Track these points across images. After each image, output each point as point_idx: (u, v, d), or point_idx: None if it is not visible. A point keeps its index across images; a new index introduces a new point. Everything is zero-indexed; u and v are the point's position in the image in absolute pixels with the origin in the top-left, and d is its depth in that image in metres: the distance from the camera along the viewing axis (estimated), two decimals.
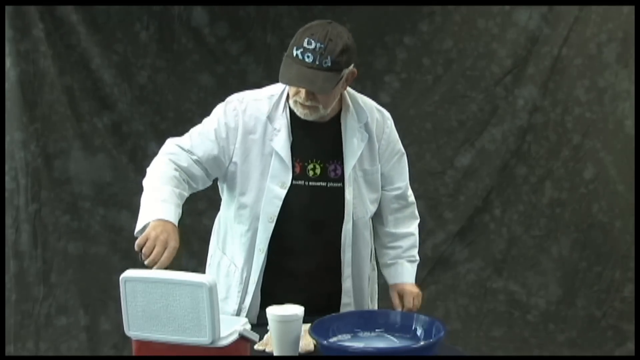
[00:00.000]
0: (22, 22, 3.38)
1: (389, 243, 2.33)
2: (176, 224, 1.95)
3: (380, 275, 3.74)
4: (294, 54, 1.98)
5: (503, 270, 3.78)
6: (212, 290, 1.62)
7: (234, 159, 2.12)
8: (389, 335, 1.91)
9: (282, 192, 2.09)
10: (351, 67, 2.04)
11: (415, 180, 3.71)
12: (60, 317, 3.51)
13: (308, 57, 1.95)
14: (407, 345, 1.85)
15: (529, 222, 3.76)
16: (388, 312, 1.99)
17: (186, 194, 2.09)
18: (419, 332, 1.89)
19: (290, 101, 2.08)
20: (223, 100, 2.25)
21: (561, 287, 3.74)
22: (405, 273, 2.30)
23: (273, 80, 2.26)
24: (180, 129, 3.61)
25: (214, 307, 1.63)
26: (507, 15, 3.66)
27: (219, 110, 2.16)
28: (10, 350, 3.41)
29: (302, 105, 2.04)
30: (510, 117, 3.72)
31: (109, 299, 3.54)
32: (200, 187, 2.17)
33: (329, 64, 1.95)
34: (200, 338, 1.64)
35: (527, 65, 3.68)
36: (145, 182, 2.09)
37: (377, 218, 2.31)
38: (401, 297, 2.27)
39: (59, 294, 3.51)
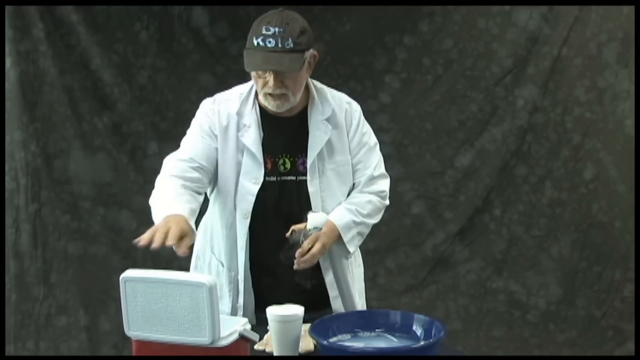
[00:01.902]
0: (22, 22, 3.39)
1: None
2: (185, 215, 1.90)
3: (379, 276, 3.76)
4: (255, 43, 2.02)
5: (503, 270, 3.78)
6: (212, 290, 1.62)
7: (218, 158, 2.15)
8: (389, 335, 1.91)
9: (255, 188, 2.11)
10: (312, 50, 2.09)
11: (415, 180, 3.76)
12: (60, 317, 3.51)
13: (270, 42, 2.00)
14: (407, 345, 1.85)
15: (529, 222, 3.76)
16: (388, 312, 1.99)
17: (198, 197, 2.08)
18: (419, 332, 1.89)
19: (260, 97, 2.10)
20: None
21: (561, 287, 3.74)
22: (332, 214, 2.15)
23: None
24: (180, 129, 3.61)
25: (214, 307, 1.63)
26: (507, 15, 3.66)
27: (198, 114, 2.21)
28: (10, 350, 3.41)
29: (272, 96, 2.06)
30: (510, 117, 3.72)
31: (109, 299, 3.54)
32: (208, 188, 2.18)
33: (291, 45, 2.01)
34: (200, 338, 1.64)
35: (527, 65, 3.68)
36: (152, 200, 2.04)
37: None
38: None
39: (59, 294, 3.51)
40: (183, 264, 3.60)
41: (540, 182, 3.75)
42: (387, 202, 2.29)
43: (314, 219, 2.06)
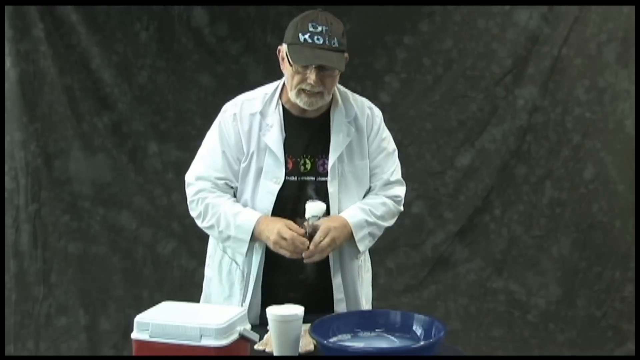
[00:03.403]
0: (22, 22, 3.39)
1: None
2: (259, 214, 2.12)
3: (379, 276, 3.76)
4: (302, 39, 2.04)
5: (503, 270, 3.77)
6: None
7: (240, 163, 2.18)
8: (389, 335, 1.91)
9: (276, 188, 2.14)
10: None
11: (415, 180, 3.75)
12: (60, 317, 3.51)
13: (318, 39, 2.04)
14: (407, 345, 1.85)
15: (529, 222, 3.76)
16: (388, 312, 1.99)
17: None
18: (419, 332, 1.89)
19: (292, 93, 2.11)
20: (223, 100, 2.29)
21: (561, 287, 3.74)
22: (346, 212, 2.18)
23: (273, 80, 2.28)
24: (180, 129, 3.65)
25: None
26: (507, 15, 3.66)
27: (219, 122, 2.22)
28: (10, 350, 3.41)
29: (309, 93, 2.08)
30: (510, 117, 3.72)
31: (109, 299, 3.54)
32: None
33: (337, 45, 2.06)
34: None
35: (527, 65, 3.68)
36: (205, 224, 2.19)
37: None
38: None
39: (59, 294, 3.51)
40: (184, 263, 3.63)
41: (540, 182, 3.74)
42: (402, 208, 2.32)
43: (311, 208, 2.08)
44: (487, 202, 3.76)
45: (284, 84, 2.20)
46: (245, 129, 2.16)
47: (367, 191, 2.27)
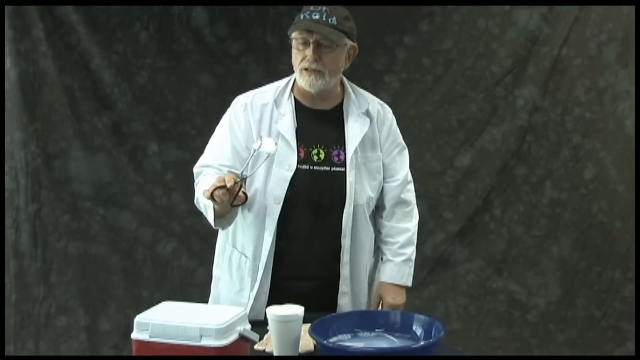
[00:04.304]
0: (22, 22, 3.39)
1: (386, 237, 2.34)
2: None
3: None
4: (301, 17, 2.10)
5: (503, 270, 3.78)
6: None
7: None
8: (389, 335, 1.91)
9: (288, 175, 2.15)
10: (353, 42, 2.18)
11: (415, 180, 3.72)
12: (60, 317, 3.51)
13: (315, 15, 2.09)
14: (407, 345, 1.85)
15: (529, 222, 3.76)
16: (388, 312, 1.99)
17: None
18: (419, 332, 1.89)
19: (297, 76, 2.16)
20: (223, 100, 2.30)
21: (561, 287, 3.74)
22: (390, 272, 2.33)
23: (273, 80, 2.29)
24: (180, 129, 3.65)
25: None
26: (507, 15, 3.66)
27: (229, 113, 2.24)
28: (10, 350, 3.41)
29: (308, 70, 2.12)
30: (510, 117, 3.72)
31: (109, 299, 3.54)
32: None
33: (335, 22, 2.09)
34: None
35: (527, 65, 3.68)
36: (195, 199, 2.19)
37: (378, 212, 2.36)
38: (380, 301, 2.33)
39: (59, 294, 3.51)
40: (184, 263, 3.63)
41: (540, 182, 3.74)
42: (417, 211, 2.42)
43: (267, 144, 2.05)
44: (487, 202, 3.76)
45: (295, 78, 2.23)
46: (257, 118, 2.19)
47: (379, 183, 2.29)
